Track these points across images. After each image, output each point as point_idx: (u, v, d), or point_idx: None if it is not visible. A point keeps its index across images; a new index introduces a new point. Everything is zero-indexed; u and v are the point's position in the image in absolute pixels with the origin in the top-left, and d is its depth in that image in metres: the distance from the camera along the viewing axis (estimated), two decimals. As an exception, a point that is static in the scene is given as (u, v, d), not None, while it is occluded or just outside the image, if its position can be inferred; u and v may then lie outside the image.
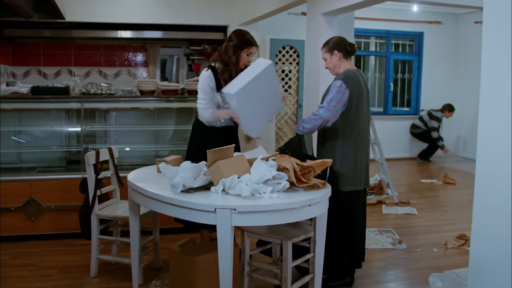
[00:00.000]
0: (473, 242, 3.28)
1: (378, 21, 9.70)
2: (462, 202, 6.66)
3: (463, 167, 9.37)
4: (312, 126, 3.68)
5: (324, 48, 3.93)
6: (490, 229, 3.10)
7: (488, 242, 3.13)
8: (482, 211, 3.18)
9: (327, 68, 3.95)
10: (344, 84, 3.64)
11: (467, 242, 4.87)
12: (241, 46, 3.87)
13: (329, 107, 3.62)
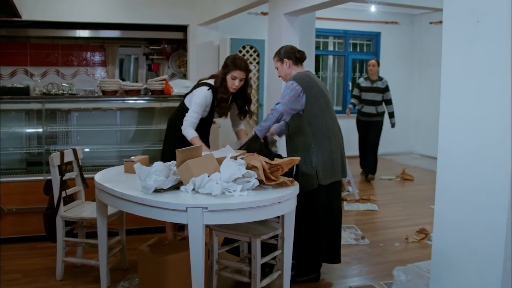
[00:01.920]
0: (435, 236, 3.39)
1: (336, 21, 9.85)
2: (420, 198, 6.84)
3: (420, 163, 9.61)
4: (270, 121, 3.82)
5: (276, 57, 4.07)
6: (451, 223, 3.21)
7: (449, 236, 3.23)
8: (444, 205, 3.28)
9: (280, 76, 4.10)
10: (295, 82, 3.81)
11: (427, 236, 5.01)
12: (227, 70, 4.05)
13: (284, 101, 3.79)
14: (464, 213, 3.09)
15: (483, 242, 2.96)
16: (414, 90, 10.82)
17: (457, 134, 3.14)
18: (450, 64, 3.18)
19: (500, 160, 2.81)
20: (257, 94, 9.08)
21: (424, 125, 10.56)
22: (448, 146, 3.22)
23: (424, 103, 10.59)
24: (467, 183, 3.06)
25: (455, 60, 3.14)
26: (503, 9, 2.76)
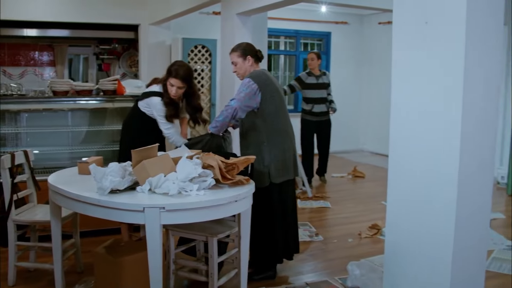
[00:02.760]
0: (387, 231, 3.48)
1: (288, 21, 9.94)
2: (372, 194, 6.99)
3: (371, 161, 9.81)
4: (224, 117, 3.84)
5: (237, 52, 4.01)
6: (403, 218, 3.30)
7: (401, 230, 3.33)
8: (395, 201, 3.38)
9: (236, 72, 4.06)
10: (252, 80, 3.83)
11: (379, 231, 5.13)
12: (166, 76, 4.13)
13: (239, 97, 3.81)
14: (414, 208, 3.19)
15: (434, 236, 3.07)
16: (364, 89, 11.03)
17: (407, 131, 3.24)
18: (400, 64, 3.27)
19: (448, 156, 2.92)
20: (209, 94, 9.08)
21: (374, 124, 10.79)
22: (398, 144, 3.31)
23: (374, 102, 10.81)
24: (418, 179, 3.16)
25: (404, 60, 3.23)
26: (452, 11, 2.86)
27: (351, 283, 3.85)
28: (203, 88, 9.07)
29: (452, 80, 2.87)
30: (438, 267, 3.04)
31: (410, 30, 3.15)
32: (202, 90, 9.06)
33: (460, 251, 2.98)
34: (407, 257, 3.28)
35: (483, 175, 3.03)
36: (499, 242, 4.99)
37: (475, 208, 3.03)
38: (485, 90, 2.96)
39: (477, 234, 3.09)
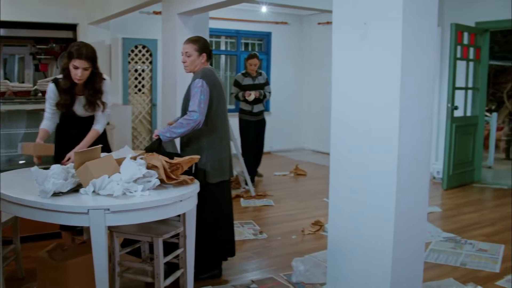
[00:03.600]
0: (330, 226, 3.57)
1: (229, 21, 9.97)
2: (314, 191, 7.11)
3: (312, 159, 9.98)
4: (184, 130, 3.73)
5: (195, 45, 3.91)
6: (344, 214, 3.39)
7: (343, 226, 3.42)
8: (337, 198, 3.47)
9: (185, 63, 3.93)
10: (205, 82, 3.78)
11: (322, 227, 5.24)
12: (68, 59, 3.77)
13: (201, 109, 3.72)
14: (356, 204, 3.29)
15: (374, 230, 3.17)
16: (304, 89, 11.20)
17: (347, 129, 3.33)
18: (340, 63, 3.36)
19: (387, 152, 3.03)
20: (150, 94, 9.01)
21: (314, 122, 10.97)
22: (339, 141, 3.40)
23: (314, 101, 10.99)
24: (358, 175, 3.26)
25: (344, 59, 3.32)
26: (389, 12, 2.96)
27: (295, 279, 3.93)
28: (144, 88, 8.99)
29: (389, 79, 2.98)
30: (379, 259, 3.15)
31: (349, 30, 3.24)
32: (143, 91, 8.97)
33: (400, 244, 3.10)
34: (349, 251, 3.38)
35: (420, 171, 3.16)
36: (436, 234, 5.19)
37: (413, 202, 3.16)
38: (421, 88, 3.08)
39: (416, 227, 3.22)
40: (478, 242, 5.00)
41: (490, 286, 3.95)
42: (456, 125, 7.47)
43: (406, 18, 2.91)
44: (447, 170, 7.46)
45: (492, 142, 10.10)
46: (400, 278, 3.16)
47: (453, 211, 6.27)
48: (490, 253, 4.70)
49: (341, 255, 3.46)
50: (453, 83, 7.34)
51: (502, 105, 13.89)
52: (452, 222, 5.73)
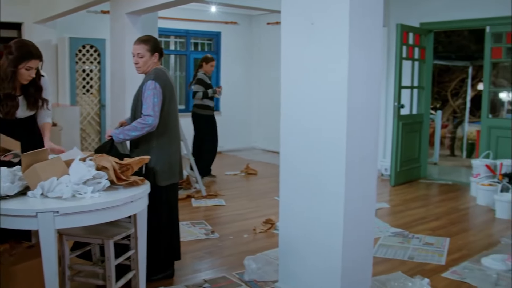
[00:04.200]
0: (281, 225, 3.62)
1: (178, 21, 9.92)
2: (264, 190, 7.16)
3: (263, 158, 10.04)
4: (138, 134, 3.69)
5: (146, 45, 3.84)
6: (295, 212, 3.45)
7: (294, 224, 3.47)
8: (287, 196, 3.51)
9: (137, 64, 3.86)
10: (157, 84, 3.73)
11: (273, 225, 5.29)
12: (19, 61, 3.55)
13: (155, 113, 3.68)
14: (306, 202, 3.34)
15: (324, 227, 3.23)
16: (254, 88, 11.25)
17: (296, 128, 3.38)
18: (288, 63, 3.41)
19: (335, 151, 3.09)
20: (99, 95, 8.88)
21: (265, 121, 11.04)
22: (288, 140, 3.45)
23: (264, 101, 11.06)
24: (308, 174, 3.31)
25: (293, 59, 3.37)
26: (336, 13, 3.02)
27: (248, 277, 3.96)
28: (92, 89, 8.84)
29: (337, 78, 3.04)
30: (329, 255, 3.21)
31: (298, 30, 3.29)
32: (91, 91, 8.83)
33: (349, 240, 3.17)
34: (300, 248, 3.43)
35: (368, 168, 3.24)
36: (384, 230, 5.32)
37: (362, 199, 3.23)
38: (368, 88, 3.16)
39: (364, 223, 3.30)
40: (425, 236, 5.15)
41: (436, 278, 4.07)
42: (402, 123, 7.66)
43: (352, 19, 2.98)
44: (395, 167, 7.65)
45: (437, 139, 10.41)
46: (350, 273, 3.23)
47: (400, 206, 6.44)
48: (436, 246, 4.85)
49: (292, 253, 3.51)
50: (399, 82, 7.53)
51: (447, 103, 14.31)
52: (400, 218, 5.89)
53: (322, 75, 3.14)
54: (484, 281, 4.03)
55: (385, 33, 8.34)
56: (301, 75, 3.31)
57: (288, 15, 3.38)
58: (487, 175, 6.96)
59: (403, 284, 3.82)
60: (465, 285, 3.96)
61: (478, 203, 6.61)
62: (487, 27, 7.53)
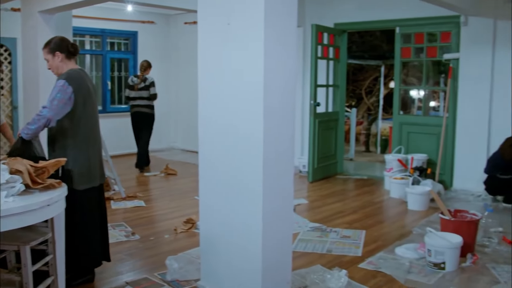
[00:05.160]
0: (201, 224, 3.65)
1: (93, 20, 9.70)
2: (185, 190, 7.16)
3: (182, 158, 10.02)
4: (37, 126, 3.61)
5: (46, 49, 3.86)
6: (215, 211, 3.49)
7: (214, 222, 3.51)
8: (207, 195, 3.55)
9: (50, 68, 3.91)
10: (67, 83, 3.67)
11: (194, 225, 5.30)
12: None
13: (52, 106, 3.62)
14: (225, 200, 3.39)
15: (244, 224, 3.29)
16: (172, 88, 11.18)
17: (214, 128, 3.42)
18: (206, 64, 3.44)
19: (253, 149, 3.16)
20: (10, 96, 8.55)
21: (183, 122, 11.01)
22: (207, 140, 3.49)
23: (182, 101, 11.03)
24: (226, 172, 3.36)
25: (210, 59, 3.40)
26: (251, 14, 3.08)
27: (170, 277, 3.96)
28: (3, 90, 8.50)
29: (253, 78, 3.10)
30: (250, 252, 3.27)
31: (214, 30, 3.32)
32: (2, 92, 8.49)
33: (269, 236, 3.25)
34: (221, 246, 3.47)
35: (285, 164, 3.32)
36: (303, 225, 5.46)
37: (280, 195, 3.32)
38: (284, 86, 3.24)
39: (283, 218, 3.39)
40: (342, 230, 5.33)
41: (353, 269, 4.24)
42: (318, 121, 7.87)
43: (267, 20, 3.05)
44: (312, 164, 7.85)
45: (353, 136, 10.77)
46: (270, 268, 3.31)
47: (318, 202, 6.62)
48: (352, 239, 5.04)
49: (213, 251, 3.55)
50: (315, 81, 7.73)
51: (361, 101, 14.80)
52: (318, 213, 6.06)
53: (239, 75, 3.20)
54: (398, 269, 4.23)
55: (300, 33, 8.54)
56: (218, 74, 3.35)
57: (204, 15, 3.41)
58: (399, 169, 7.29)
59: (322, 276, 3.94)
60: (380, 274, 4.15)
61: (391, 196, 6.92)
62: (397, 28, 7.88)
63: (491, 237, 5.07)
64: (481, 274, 4.18)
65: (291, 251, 3.60)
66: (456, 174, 7.41)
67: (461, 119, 7.29)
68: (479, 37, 7.00)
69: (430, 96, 12.81)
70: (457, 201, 6.71)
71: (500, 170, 6.52)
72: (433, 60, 8.44)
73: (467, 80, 7.19)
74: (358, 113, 13.64)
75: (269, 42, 3.07)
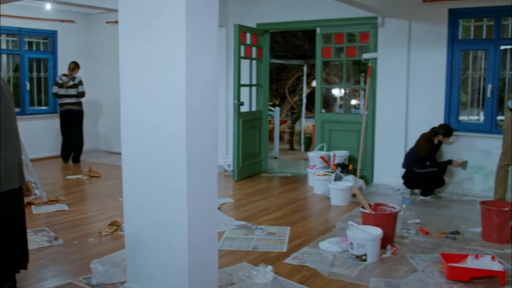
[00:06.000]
0: (126, 225, 3.63)
1: (9, 18, 9.33)
2: (109, 192, 7.05)
3: (106, 160, 9.83)
4: None
5: None
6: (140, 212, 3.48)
7: (139, 223, 3.50)
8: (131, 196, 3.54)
9: None
10: None
11: (119, 227, 5.24)
12: None
13: None
14: (150, 201, 3.39)
15: (169, 224, 3.31)
16: (94, 88, 10.91)
17: (137, 128, 3.41)
18: (128, 64, 3.42)
19: (176, 149, 3.18)
20: None
21: (106, 122, 10.81)
22: (130, 141, 3.47)
23: (104, 101, 10.82)
24: (150, 173, 3.36)
25: (132, 59, 3.39)
26: (172, 14, 3.10)
27: (95, 280, 3.90)
28: None
29: (175, 78, 3.13)
30: (176, 252, 3.29)
31: (136, 30, 3.31)
32: None
33: (194, 235, 3.28)
34: (147, 247, 3.47)
35: (208, 163, 3.37)
36: (229, 223, 5.51)
37: (204, 194, 3.35)
38: (206, 86, 3.28)
39: (208, 217, 3.43)
40: (267, 227, 5.43)
41: (279, 264, 4.33)
42: (242, 120, 7.95)
43: (188, 20, 3.07)
44: (237, 163, 7.92)
45: (277, 134, 10.95)
46: (197, 267, 3.34)
47: (244, 200, 6.70)
48: (278, 235, 5.14)
49: (139, 252, 3.54)
50: (238, 80, 7.80)
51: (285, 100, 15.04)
52: (243, 211, 6.13)
53: (161, 75, 3.20)
54: (322, 263, 4.36)
55: (223, 33, 8.59)
56: (140, 74, 3.34)
57: (125, 15, 3.39)
58: (322, 166, 7.49)
59: (248, 273, 4.00)
60: (305, 268, 4.26)
61: (315, 192, 7.09)
62: (318, 28, 8.08)
63: (409, 229, 5.32)
64: (400, 263, 4.38)
65: (217, 249, 3.64)
66: (376, 169, 7.69)
67: (380, 116, 7.58)
68: (395, 38, 7.31)
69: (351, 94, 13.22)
70: (378, 195, 6.98)
71: (416, 165, 6.84)
72: (353, 59, 8.70)
73: (384, 79, 7.48)
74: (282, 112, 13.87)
75: (190, 42, 3.09)
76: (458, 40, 7.06)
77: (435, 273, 4.15)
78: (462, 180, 7.09)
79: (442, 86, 7.11)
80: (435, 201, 6.68)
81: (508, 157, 6.19)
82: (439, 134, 6.82)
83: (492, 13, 6.84)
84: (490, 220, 5.00)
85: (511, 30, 7.02)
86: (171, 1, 3.10)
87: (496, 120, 7.03)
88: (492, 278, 3.99)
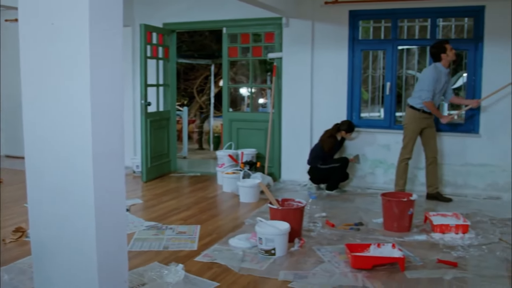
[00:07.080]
0: (32, 231, 3.52)
1: None
2: (13, 198, 6.76)
3: (8, 164, 9.40)
4: None
5: None
6: (46, 217, 3.39)
7: (46, 228, 3.41)
8: (37, 201, 3.43)
9: None
10: None
11: (24, 233, 5.06)
12: None
13: None
14: (56, 205, 3.31)
15: (77, 228, 3.25)
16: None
17: (41, 131, 3.31)
18: (29, 64, 3.32)
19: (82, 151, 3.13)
20: None
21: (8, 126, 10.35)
22: (34, 144, 3.37)
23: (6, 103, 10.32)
24: (56, 176, 3.28)
25: (33, 60, 3.29)
26: (76, 14, 3.06)
27: (0, 289, 3.78)
28: None
29: (79, 79, 3.08)
30: (84, 255, 3.25)
31: (37, 30, 3.22)
32: None
33: (103, 238, 3.25)
34: (54, 252, 3.39)
35: (115, 164, 3.34)
36: (139, 224, 5.47)
37: (111, 197, 3.33)
38: (111, 86, 3.26)
39: (116, 219, 3.40)
40: (178, 226, 5.45)
41: (190, 262, 4.37)
42: (150, 120, 7.90)
43: (92, 20, 3.04)
44: (145, 163, 7.86)
45: (185, 134, 10.96)
46: (106, 269, 3.30)
47: (153, 201, 6.67)
48: (188, 234, 5.18)
49: (46, 258, 3.45)
50: (145, 80, 7.74)
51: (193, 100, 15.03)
52: (153, 211, 6.11)
53: (65, 76, 3.14)
54: (232, 259, 4.45)
55: (129, 33, 8.50)
56: (43, 75, 3.25)
57: (26, 14, 3.28)
58: (230, 164, 7.60)
59: (159, 272, 4.02)
60: (216, 265, 4.33)
61: (224, 190, 7.19)
62: (224, 28, 8.18)
63: (316, 222, 5.53)
64: (308, 256, 4.55)
65: (127, 251, 3.62)
66: (283, 166, 7.90)
67: (286, 114, 7.79)
68: (299, 38, 7.54)
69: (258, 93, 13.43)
70: (286, 191, 7.18)
71: (320, 161, 7.10)
72: (259, 59, 8.87)
73: (290, 78, 7.69)
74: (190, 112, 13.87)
75: (94, 43, 3.06)
76: (358, 40, 7.39)
77: (340, 263, 4.35)
78: (365, 174, 7.43)
79: (344, 84, 7.42)
80: (340, 195, 6.96)
81: (408, 151, 6.57)
82: (342, 130, 7.13)
83: (390, 15, 7.22)
84: (390, 211, 5.29)
85: (406, 31, 7.45)
86: (74, 1, 3.05)
87: (395, 116, 7.44)
88: (393, 265, 4.24)
